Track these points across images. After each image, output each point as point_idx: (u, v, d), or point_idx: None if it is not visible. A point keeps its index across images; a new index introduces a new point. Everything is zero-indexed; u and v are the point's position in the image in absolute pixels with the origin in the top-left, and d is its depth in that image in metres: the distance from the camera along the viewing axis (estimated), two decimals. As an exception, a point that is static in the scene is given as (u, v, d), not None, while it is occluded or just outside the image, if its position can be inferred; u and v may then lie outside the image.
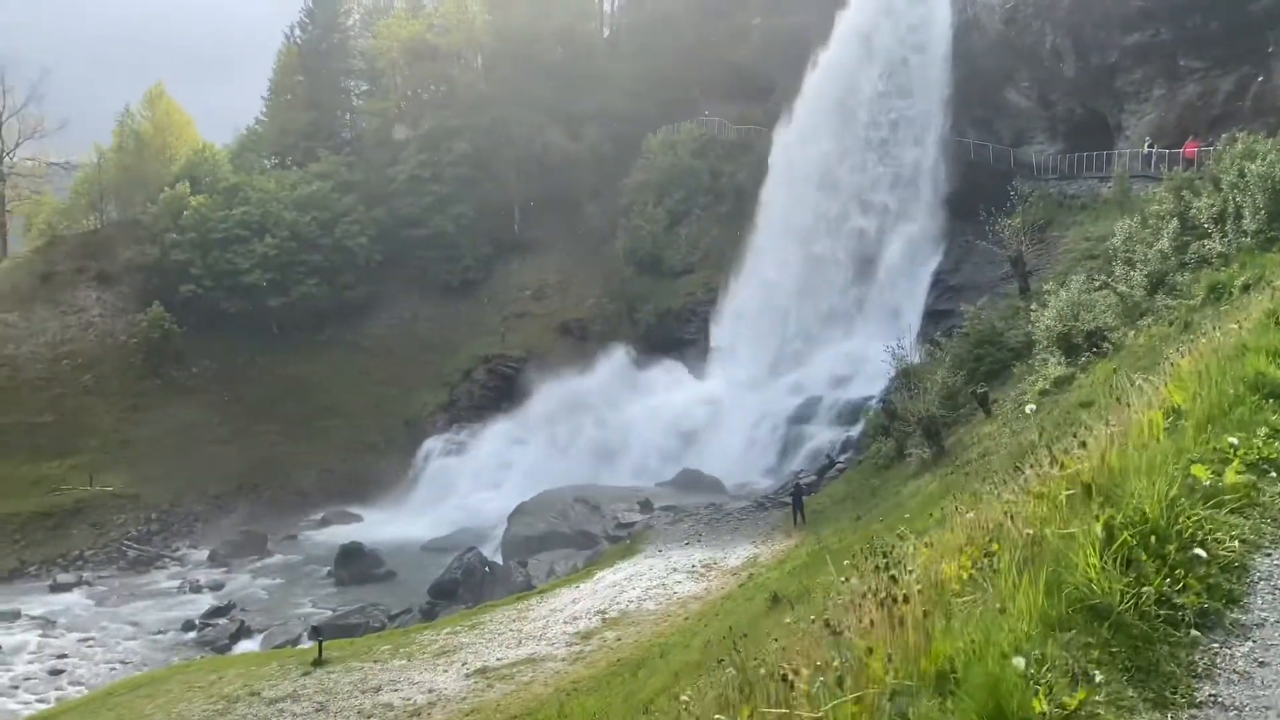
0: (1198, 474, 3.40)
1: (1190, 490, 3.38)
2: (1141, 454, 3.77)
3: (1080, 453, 4.49)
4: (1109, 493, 3.49)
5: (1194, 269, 27.87)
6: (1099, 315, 29.10)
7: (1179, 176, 32.55)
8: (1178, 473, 3.44)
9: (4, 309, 62.29)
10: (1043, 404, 28.19)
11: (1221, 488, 3.39)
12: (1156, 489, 3.27)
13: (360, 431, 62.94)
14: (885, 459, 34.40)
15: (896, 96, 55.48)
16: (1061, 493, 3.68)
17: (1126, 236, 32.26)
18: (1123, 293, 29.59)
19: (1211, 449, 3.70)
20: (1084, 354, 28.30)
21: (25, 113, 68.97)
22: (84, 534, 49.06)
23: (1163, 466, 3.48)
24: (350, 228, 68.32)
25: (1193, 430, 3.93)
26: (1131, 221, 32.63)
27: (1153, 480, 3.34)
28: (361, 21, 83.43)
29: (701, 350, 59.33)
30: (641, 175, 69.55)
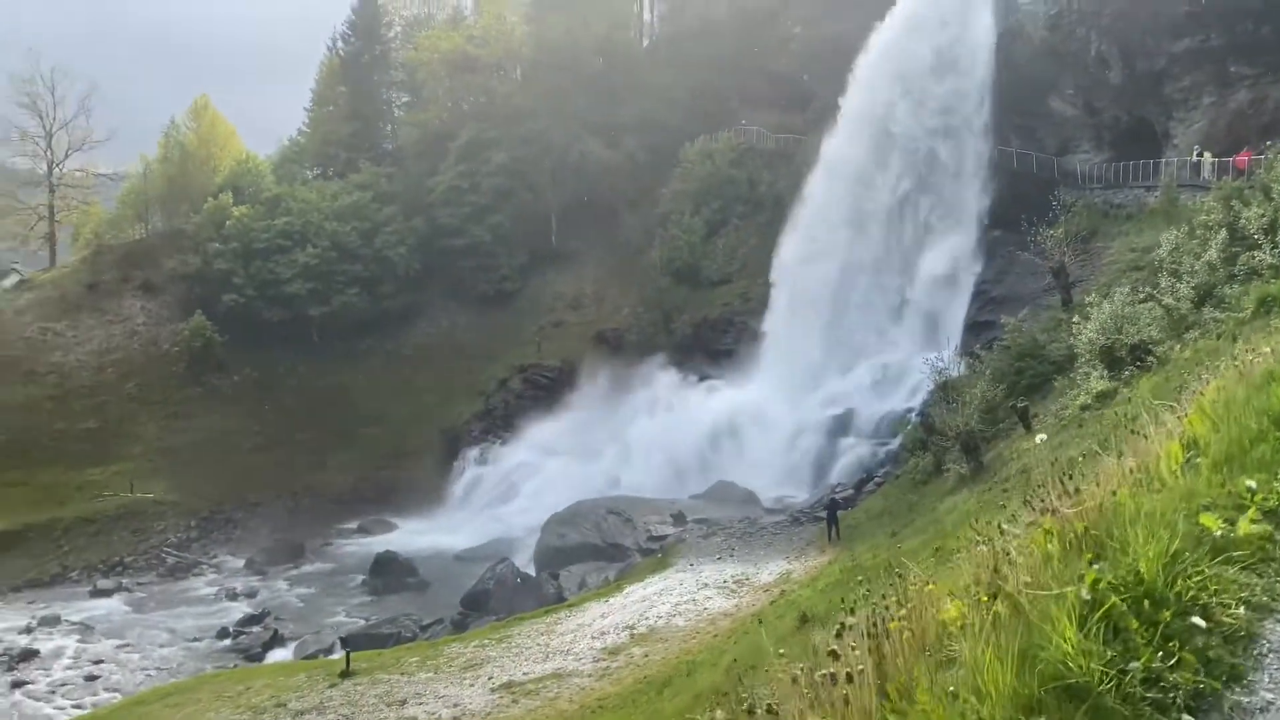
0: (1207, 523, 2.99)
1: (1196, 542, 2.96)
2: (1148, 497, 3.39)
3: (1091, 489, 4.12)
4: (1104, 544, 3.10)
5: (1243, 281, 26.97)
6: (1143, 328, 28.28)
7: (1228, 186, 31.62)
8: (1184, 521, 3.04)
9: (52, 318, 63.51)
10: (1084, 419, 27.49)
11: (1233, 540, 2.96)
12: (1156, 542, 2.88)
13: (398, 440, 63.24)
14: (923, 474, 33.76)
15: (937, 105, 54.67)
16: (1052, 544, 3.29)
17: (1173, 247, 31.36)
18: (1168, 305, 28.71)
19: (1226, 492, 3.29)
20: (1127, 368, 27.51)
21: (74, 125, 70.41)
22: (125, 540, 49.67)
23: (1168, 514, 3.08)
24: (390, 238, 68.81)
25: (1207, 470, 3.52)
26: (1178, 232, 31.73)
27: (1154, 531, 2.95)
28: (403, 33, 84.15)
29: (738, 360, 58.80)
30: (679, 185, 69.35)
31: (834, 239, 56.37)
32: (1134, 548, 2.87)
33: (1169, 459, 4.11)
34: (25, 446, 55.64)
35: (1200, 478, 3.40)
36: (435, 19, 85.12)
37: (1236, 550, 2.90)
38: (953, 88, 54.56)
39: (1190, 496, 3.24)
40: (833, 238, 56.46)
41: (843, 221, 56.16)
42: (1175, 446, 4.17)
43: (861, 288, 55.58)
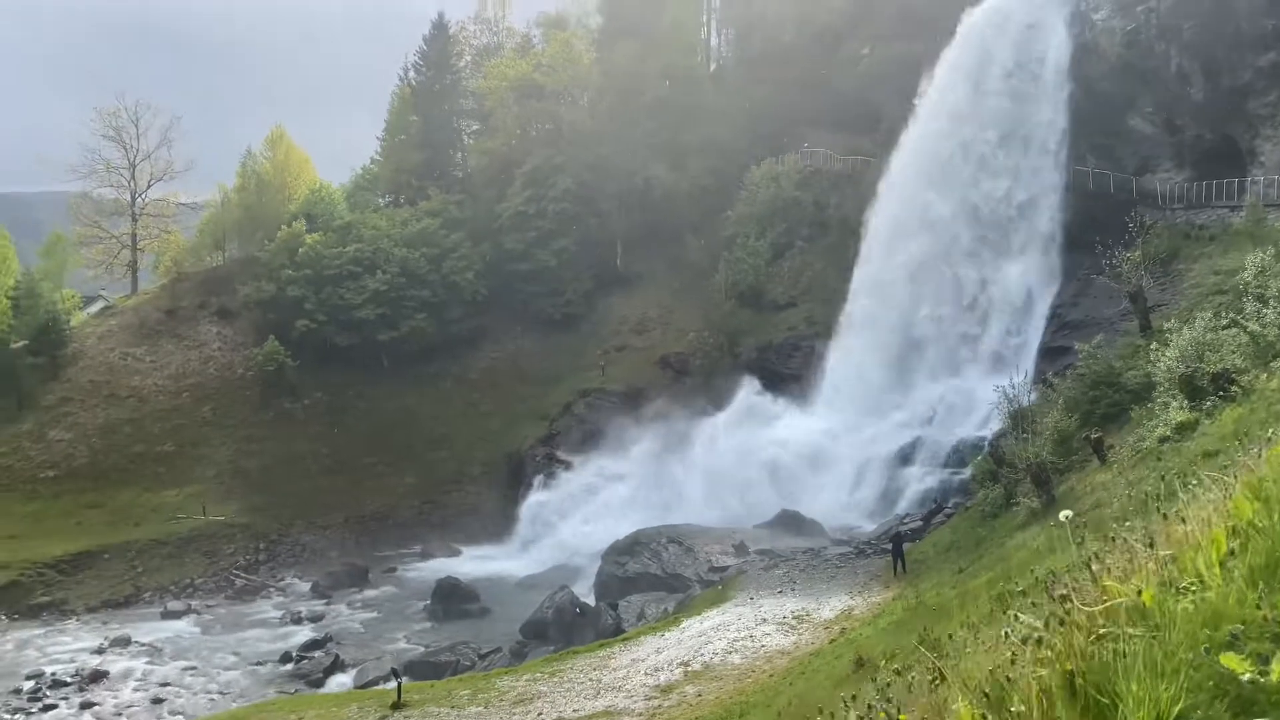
0: (1231, 665, 2.40)
1: (1214, 694, 2.37)
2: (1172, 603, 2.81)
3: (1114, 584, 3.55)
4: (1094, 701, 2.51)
5: (1335, 307, 25.56)
6: (1226, 356, 26.95)
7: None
8: (1202, 659, 2.44)
9: (133, 343, 65.42)
10: (1163, 452, 26.16)
11: (1263, 688, 2.36)
12: (1160, 696, 2.30)
13: (464, 463, 63.58)
14: (993, 507, 32.53)
15: (1008, 124, 53.36)
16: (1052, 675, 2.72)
17: (1259, 270, 29.89)
18: (1254, 332, 27.29)
19: (1263, 616, 2.69)
20: (1209, 398, 26.14)
21: (156, 156, 72.74)
22: (196, 562, 50.61)
23: (1182, 646, 2.49)
24: (457, 263, 69.51)
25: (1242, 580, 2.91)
26: (1265, 254, 30.21)
27: (1159, 676, 2.36)
28: (472, 62, 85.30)
29: (804, 385, 57.87)
30: (744, 208, 68.86)
31: (902, 262, 55.26)
32: (1128, 707, 2.29)
33: (1210, 549, 3.53)
34: (104, 469, 57.37)
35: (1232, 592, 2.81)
36: (504, 48, 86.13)
37: (1267, 701, 2.30)
38: (1025, 107, 53.24)
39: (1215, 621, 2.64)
40: (901, 261, 55.36)
41: (911, 244, 54.99)
42: (1220, 535, 3.58)
43: (931, 311, 54.30)
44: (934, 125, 55.60)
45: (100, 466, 57.42)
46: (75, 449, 58.07)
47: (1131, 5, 49.03)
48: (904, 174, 56.71)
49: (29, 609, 44.73)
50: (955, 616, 18.36)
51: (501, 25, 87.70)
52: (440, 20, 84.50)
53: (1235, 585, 2.86)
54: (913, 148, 56.51)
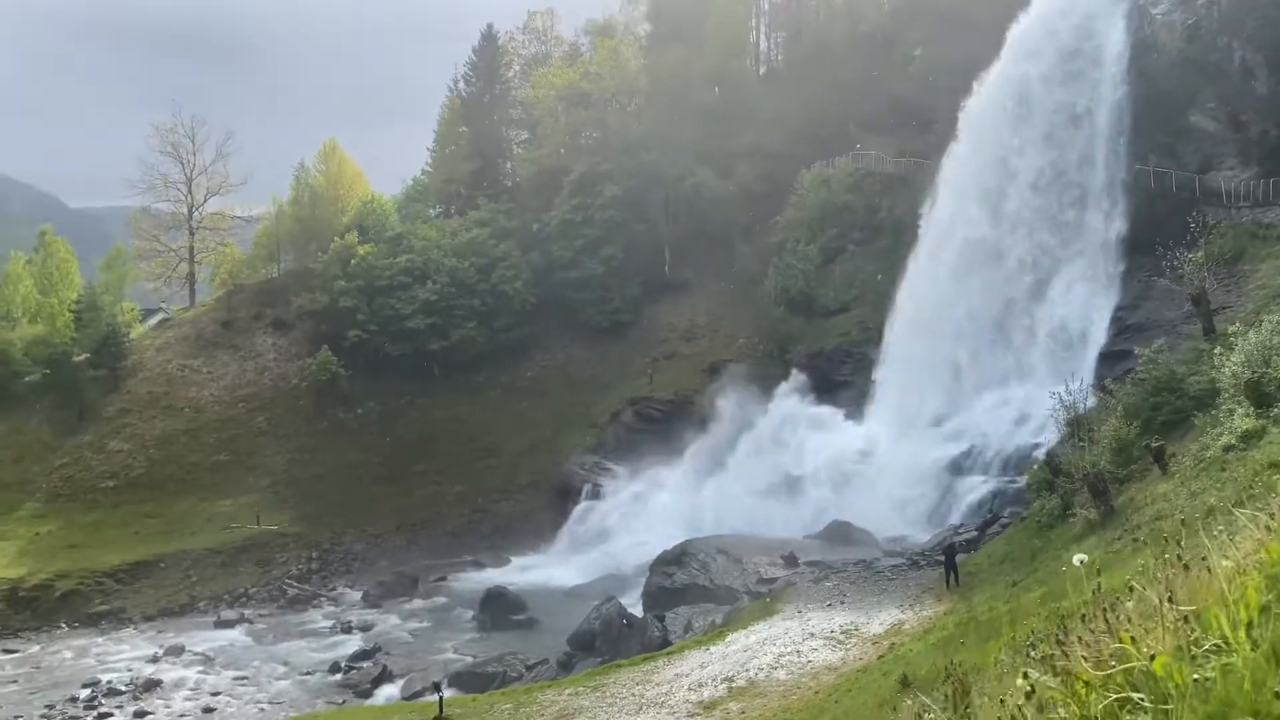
0: None
1: None
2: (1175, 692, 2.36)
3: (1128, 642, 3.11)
4: None
5: None
6: (1295, 360, 25.73)
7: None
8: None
9: (190, 354, 66.65)
10: (1227, 461, 25.06)
11: None
12: None
13: (513, 472, 63.66)
14: (1049, 517, 31.47)
15: (1065, 123, 51.97)
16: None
17: (1329, 271, 28.55)
18: (1324, 335, 26.07)
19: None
20: (1277, 405, 24.98)
21: (213, 170, 74.14)
22: (250, 571, 51.24)
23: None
24: (506, 272, 69.73)
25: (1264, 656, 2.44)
26: (1335, 254, 28.86)
27: None
28: (521, 72, 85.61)
29: (856, 392, 56.96)
30: (794, 212, 68.07)
31: (957, 264, 54.09)
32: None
33: (1239, 606, 3.06)
34: (161, 479, 58.43)
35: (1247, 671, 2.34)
36: (553, 57, 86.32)
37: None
38: (1082, 105, 51.79)
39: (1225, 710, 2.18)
40: (955, 263, 54.20)
41: (966, 246, 53.80)
42: (1251, 589, 3.10)
43: (987, 316, 53.02)
44: (987, 125, 54.37)
45: (157, 476, 58.50)
46: (134, 459, 59.24)
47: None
48: (956, 176, 55.57)
49: (88, 617, 45.67)
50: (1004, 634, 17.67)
51: (550, 35, 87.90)
52: (489, 31, 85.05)
53: (1255, 663, 2.40)
54: (965, 149, 55.35)
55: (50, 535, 52.36)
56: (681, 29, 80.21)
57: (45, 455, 59.18)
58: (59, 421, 61.48)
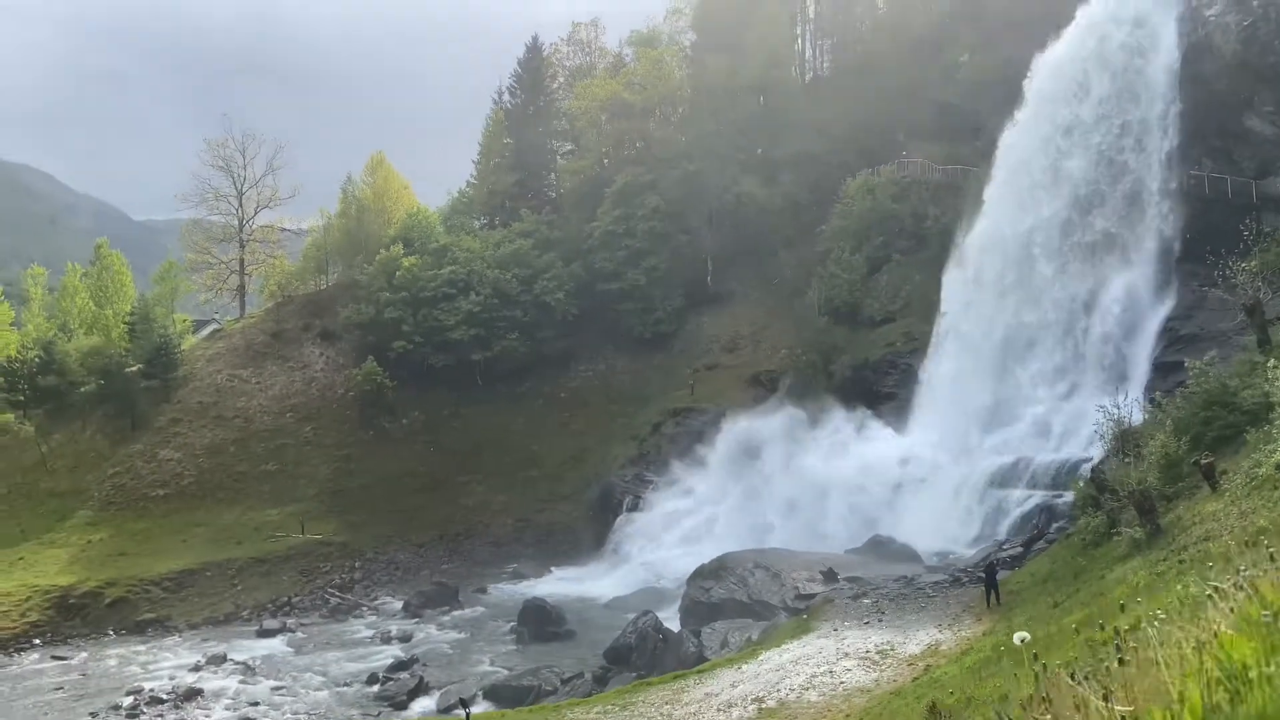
0: None
1: None
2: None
3: None
4: None
5: None
6: (1353, 375, 24.70)
7: None
8: None
9: (239, 365, 67.72)
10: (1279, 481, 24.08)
11: None
12: None
13: (556, 483, 63.69)
14: (1094, 535, 30.52)
15: (1117, 127, 50.75)
16: None
17: (1390, 281, 27.39)
18: (1384, 348, 24.97)
19: None
20: (1333, 421, 23.99)
21: (263, 184, 75.43)
22: (293, 580, 51.76)
23: None
24: (549, 283, 69.91)
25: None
26: (1397, 263, 27.69)
27: None
28: (565, 84, 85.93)
29: (901, 404, 56.04)
30: (838, 221, 67.26)
31: (1004, 273, 53.10)
32: None
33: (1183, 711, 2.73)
34: (210, 487, 59.35)
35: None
36: (597, 68, 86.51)
37: None
38: (1133, 109, 50.56)
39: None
40: (1002, 272, 53.21)
41: (1013, 255, 52.79)
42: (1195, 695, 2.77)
43: (1035, 325, 51.90)
44: (1036, 132, 53.32)
45: (206, 485, 59.46)
46: (184, 468, 60.27)
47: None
48: (1004, 183, 54.61)
49: (135, 625, 46.43)
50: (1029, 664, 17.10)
51: (594, 46, 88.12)
52: (534, 43, 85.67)
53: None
54: (1013, 156, 54.34)
55: (101, 543, 53.41)
56: (725, 39, 79.83)
57: (99, 464, 60.45)
58: (113, 431, 62.81)
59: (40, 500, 58.01)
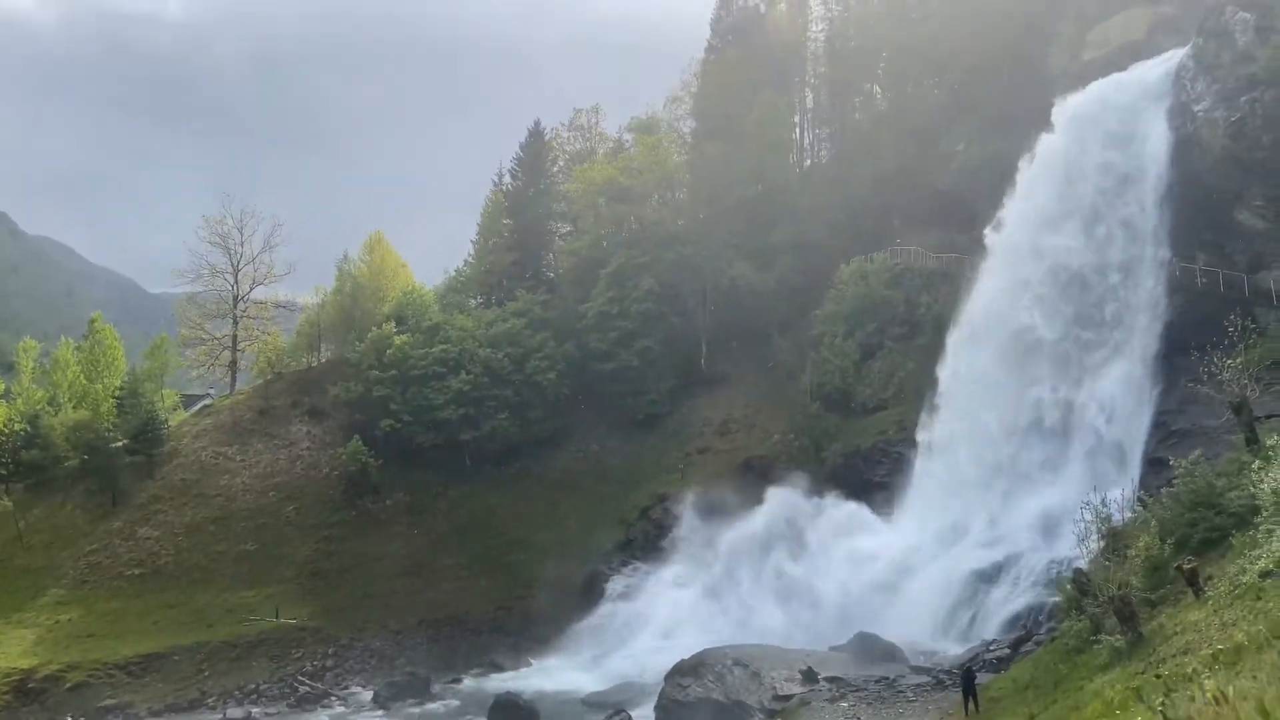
0: None
1: None
2: None
3: None
4: None
5: None
6: (1338, 480, 23.75)
7: None
8: None
9: (225, 442, 67.06)
10: (1263, 589, 22.97)
11: None
12: None
13: (540, 568, 62.13)
14: (1077, 640, 29.21)
15: (1106, 220, 50.50)
16: None
17: (1377, 381, 26.58)
18: (1370, 452, 24.06)
19: None
20: (1319, 528, 22.97)
21: (259, 260, 75.71)
22: (263, 666, 50.27)
23: None
24: (541, 363, 69.45)
25: None
26: (1383, 363, 26.91)
27: None
28: (565, 167, 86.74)
29: (891, 494, 54.86)
30: (832, 307, 66.83)
31: (994, 363, 52.36)
32: None
33: None
34: (187, 567, 58.24)
35: None
36: (597, 153, 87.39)
37: None
38: (1124, 202, 50.37)
39: None
40: (993, 362, 52.47)
41: (1003, 345, 52.11)
42: None
43: (1028, 417, 50.95)
44: (1025, 221, 53.14)
45: (183, 565, 58.29)
46: (161, 547, 59.17)
47: (1235, 95, 46.15)
48: (994, 272, 54.27)
49: (95, 711, 44.97)
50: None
51: (594, 131, 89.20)
52: (536, 127, 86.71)
53: None
54: (1003, 246, 54.12)
55: (70, 623, 52.14)
56: (724, 126, 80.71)
57: (76, 540, 59.47)
58: (93, 507, 61.94)
59: (14, 577, 56.92)
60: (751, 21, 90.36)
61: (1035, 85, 63.83)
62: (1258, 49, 45.71)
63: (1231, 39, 47.65)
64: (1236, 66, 46.59)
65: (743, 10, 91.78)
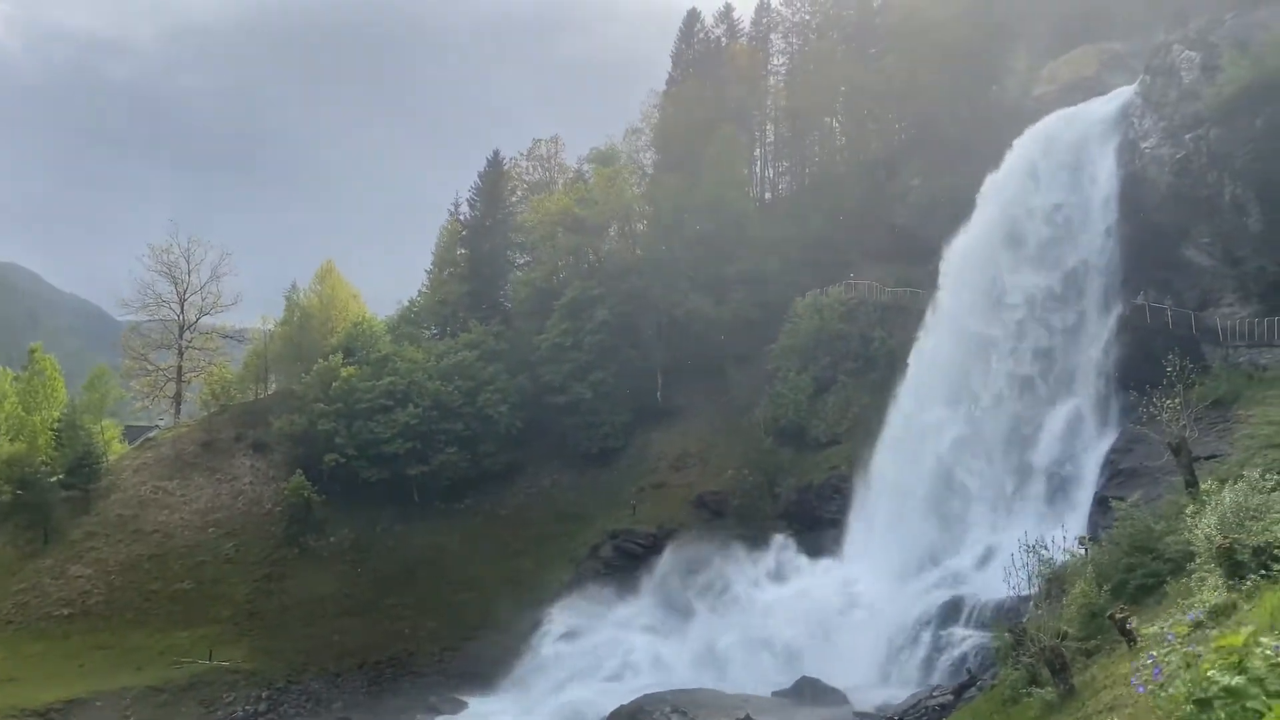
0: None
1: None
2: None
3: None
4: None
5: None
6: (1270, 525, 22.99)
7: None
8: None
9: (166, 476, 65.22)
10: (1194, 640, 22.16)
11: None
12: None
13: (488, 608, 60.56)
14: (1013, 691, 28.21)
15: (1055, 258, 50.27)
16: None
17: (1313, 423, 25.98)
18: (1304, 498, 23.32)
19: None
20: (1250, 575, 22.16)
21: (206, 289, 74.17)
22: (191, 711, 48.37)
23: None
24: (492, 396, 68.26)
25: None
26: (1319, 405, 26.33)
27: None
28: (523, 198, 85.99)
29: (841, 531, 53.99)
30: (786, 340, 66.24)
31: (944, 401, 51.79)
32: None
33: None
34: (119, 607, 56.28)
35: None
36: (556, 183, 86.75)
37: None
38: (1072, 238, 50.19)
39: None
40: (943, 400, 51.91)
41: (953, 383, 51.63)
42: None
43: (976, 455, 50.34)
44: (976, 257, 52.83)
45: (115, 605, 56.32)
46: (93, 586, 57.18)
47: (1180, 132, 46.13)
48: (945, 309, 53.82)
49: (9, 761, 42.95)
50: None
51: (554, 161, 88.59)
52: (495, 157, 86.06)
53: None
54: (954, 282, 53.74)
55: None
56: (682, 158, 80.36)
57: (3, 579, 57.37)
58: (24, 543, 59.87)
59: (-64, 618, 54.73)
60: (712, 55, 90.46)
61: (990, 120, 64.07)
62: (1203, 87, 45.68)
63: (1178, 77, 47.71)
64: (1182, 104, 46.60)
65: (704, 43, 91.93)
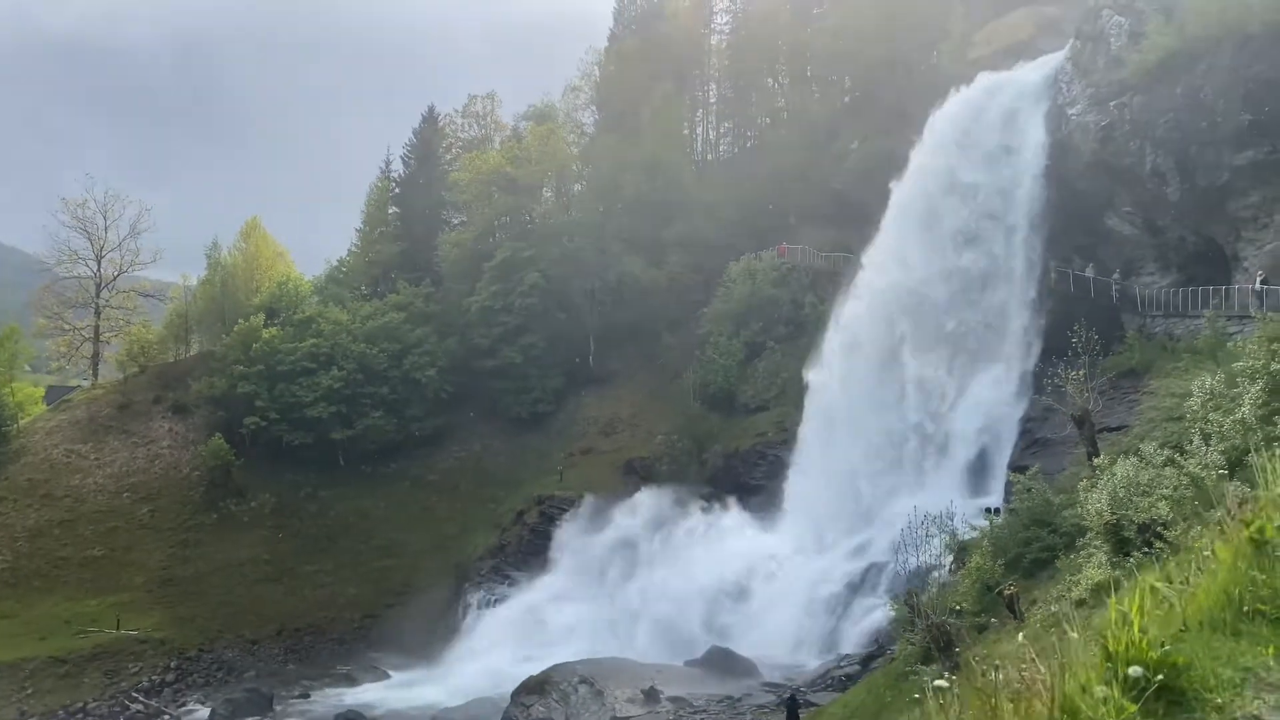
0: None
1: None
2: None
3: None
4: None
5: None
6: (1155, 503, 22.66)
7: (1273, 322, 25.76)
8: None
9: (79, 439, 63.17)
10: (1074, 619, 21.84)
11: None
12: None
13: (413, 574, 59.83)
14: (906, 664, 27.98)
15: (981, 224, 49.75)
16: None
17: (1206, 398, 25.62)
18: (1192, 473, 23.00)
19: None
20: (1134, 553, 21.83)
21: (125, 246, 71.49)
22: (94, 683, 47.04)
23: None
24: (420, 359, 66.85)
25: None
26: (1214, 379, 25.98)
27: None
28: (458, 156, 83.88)
29: (768, 498, 53.58)
30: (720, 305, 65.49)
31: (867, 367, 51.36)
32: None
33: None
34: (25, 575, 54.59)
35: None
36: (493, 141, 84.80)
37: None
38: (999, 206, 49.67)
39: None
40: (866, 366, 51.47)
41: (877, 348, 51.13)
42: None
43: (900, 421, 50.04)
44: (901, 226, 52.22)
45: (21, 572, 54.56)
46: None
47: (1105, 100, 45.58)
48: (872, 273, 53.21)
49: (-105, 736, 41.49)
50: None
51: (490, 119, 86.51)
52: (430, 113, 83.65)
53: None
54: (881, 247, 53.11)
55: (-116, 639, 48.25)
56: (622, 118, 78.83)
57: (-98, 546, 55.28)
58: (-74, 510, 57.69)
59: None
60: (654, 11, 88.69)
61: (928, 84, 63.19)
62: (1130, 54, 45.13)
63: (1106, 43, 47.08)
64: (1109, 71, 46.01)
65: (646, 0, 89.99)
